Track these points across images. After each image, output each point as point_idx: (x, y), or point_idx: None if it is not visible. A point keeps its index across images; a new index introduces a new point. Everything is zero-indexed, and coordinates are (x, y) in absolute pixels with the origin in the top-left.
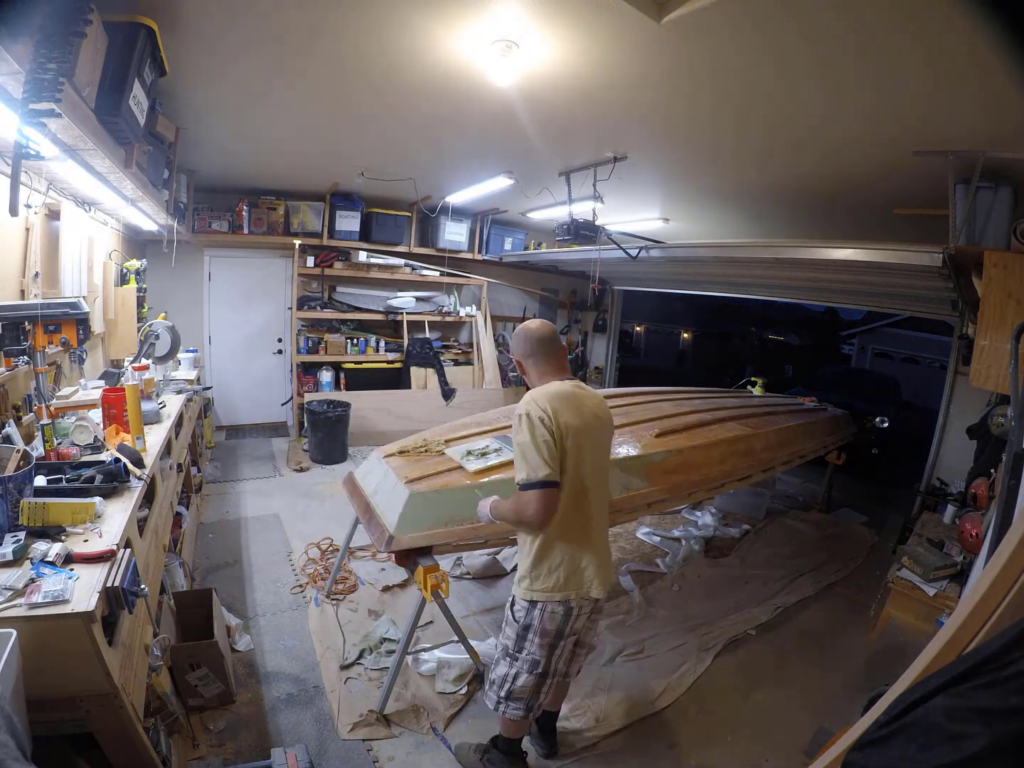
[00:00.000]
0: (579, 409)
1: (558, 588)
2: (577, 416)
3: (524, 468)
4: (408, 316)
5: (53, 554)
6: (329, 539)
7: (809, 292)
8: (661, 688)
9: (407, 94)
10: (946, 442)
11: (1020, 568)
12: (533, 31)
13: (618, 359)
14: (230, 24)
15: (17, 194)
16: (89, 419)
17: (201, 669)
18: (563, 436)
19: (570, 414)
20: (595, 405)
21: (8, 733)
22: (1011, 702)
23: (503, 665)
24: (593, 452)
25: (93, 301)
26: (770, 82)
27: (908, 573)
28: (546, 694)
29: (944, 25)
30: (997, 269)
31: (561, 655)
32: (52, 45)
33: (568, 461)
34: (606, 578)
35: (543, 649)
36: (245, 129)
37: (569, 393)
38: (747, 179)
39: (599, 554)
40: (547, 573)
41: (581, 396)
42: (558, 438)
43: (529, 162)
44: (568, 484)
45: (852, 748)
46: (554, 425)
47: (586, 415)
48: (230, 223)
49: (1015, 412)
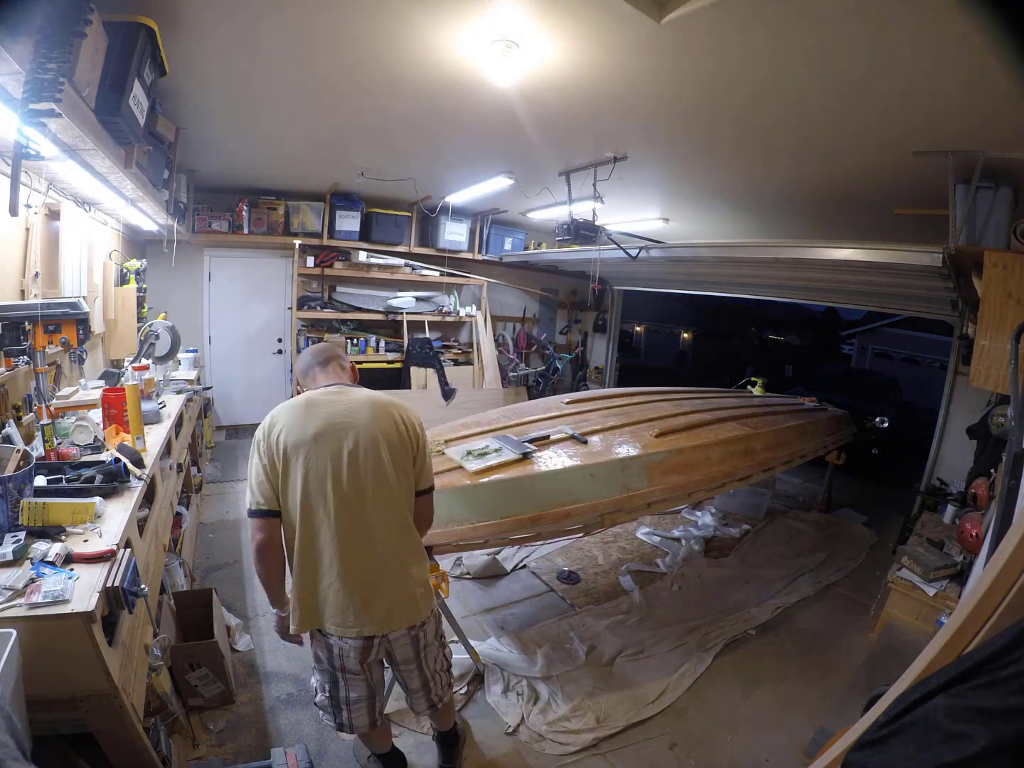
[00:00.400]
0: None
1: (294, 621)
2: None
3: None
4: (408, 316)
5: (53, 554)
6: None
7: (809, 292)
8: (661, 688)
9: (407, 94)
10: (946, 442)
11: (1020, 568)
12: (533, 31)
13: (618, 359)
14: (230, 24)
15: (17, 194)
16: (89, 419)
17: (201, 669)
18: (277, 455)
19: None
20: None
21: (8, 733)
22: (1011, 702)
23: (313, 676)
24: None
25: (93, 301)
26: (770, 82)
27: (908, 573)
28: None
29: (945, 25)
30: (997, 269)
31: (347, 686)
32: (52, 45)
33: (293, 484)
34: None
35: (324, 675)
36: (245, 129)
37: (302, 403)
38: (747, 179)
39: (363, 586)
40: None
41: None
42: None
43: (529, 162)
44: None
45: (852, 748)
46: (266, 444)
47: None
48: (230, 223)
49: (1015, 412)
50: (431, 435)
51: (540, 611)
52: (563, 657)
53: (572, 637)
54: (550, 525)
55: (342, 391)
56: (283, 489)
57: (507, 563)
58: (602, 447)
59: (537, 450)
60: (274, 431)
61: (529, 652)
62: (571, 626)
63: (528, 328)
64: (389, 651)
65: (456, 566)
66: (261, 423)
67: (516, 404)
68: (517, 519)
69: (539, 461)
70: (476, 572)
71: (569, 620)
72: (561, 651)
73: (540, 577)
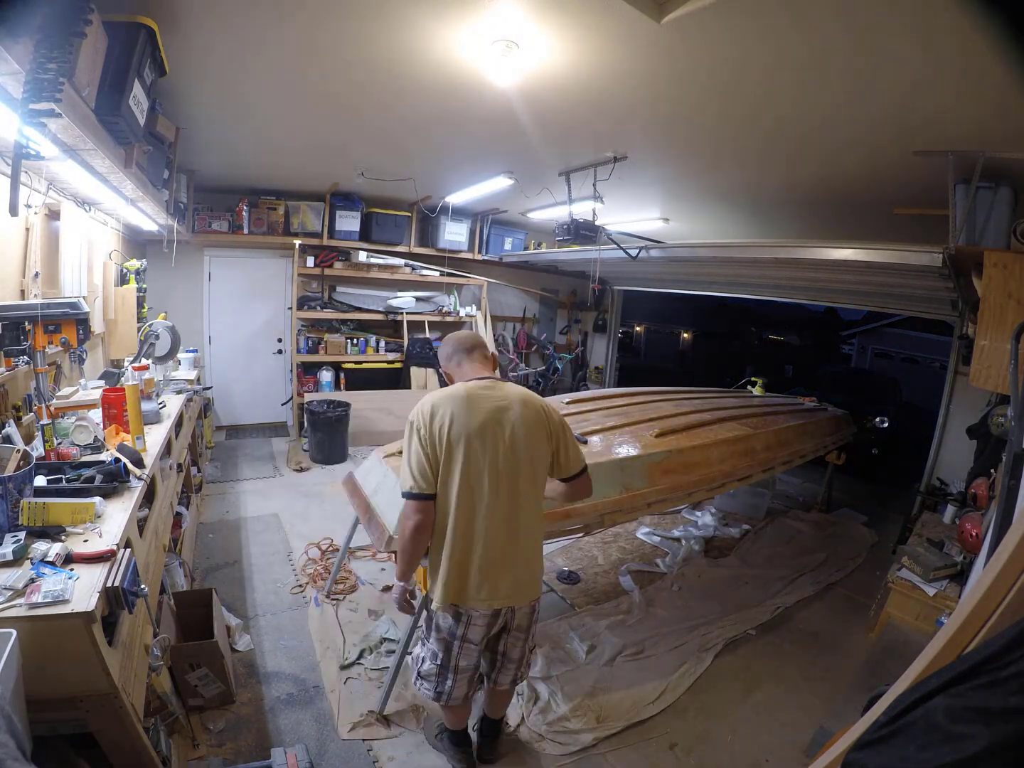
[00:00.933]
0: (472, 413)
1: (440, 597)
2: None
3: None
4: (408, 316)
5: (53, 554)
6: (329, 539)
7: (809, 292)
8: (661, 688)
9: (407, 94)
10: (946, 442)
11: (1020, 568)
12: (533, 31)
13: (618, 359)
14: (230, 24)
15: (17, 194)
16: (89, 419)
17: (201, 669)
18: (439, 443)
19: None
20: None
21: (8, 733)
22: (1011, 702)
23: (418, 647)
24: (496, 455)
25: (93, 301)
26: (771, 82)
27: (908, 573)
28: (453, 686)
29: (945, 25)
30: (997, 269)
31: (460, 654)
32: (52, 45)
33: (453, 469)
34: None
35: (440, 644)
36: (245, 129)
37: (463, 395)
38: (748, 179)
39: (498, 565)
40: (436, 580)
41: (481, 398)
42: (430, 446)
43: (529, 162)
44: (457, 492)
45: (852, 748)
46: (427, 432)
47: (482, 417)
48: (230, 223)
49: (1015, 412)
50: None
51: (540, 611)
52: (563, 657)
53: (572, 637)
54: (550, 525)
55: (495, 385)
56: (443, 475)
57: None
58: (602, 447)
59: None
60: (435, 420)
61: None
62: (571, 626)
63: (528, 328)
64: (507, 622)
65: None
66: (417, 410)
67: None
68: None
69: None
70: None
71: (569, 620)
72: (561, 651)
73: None
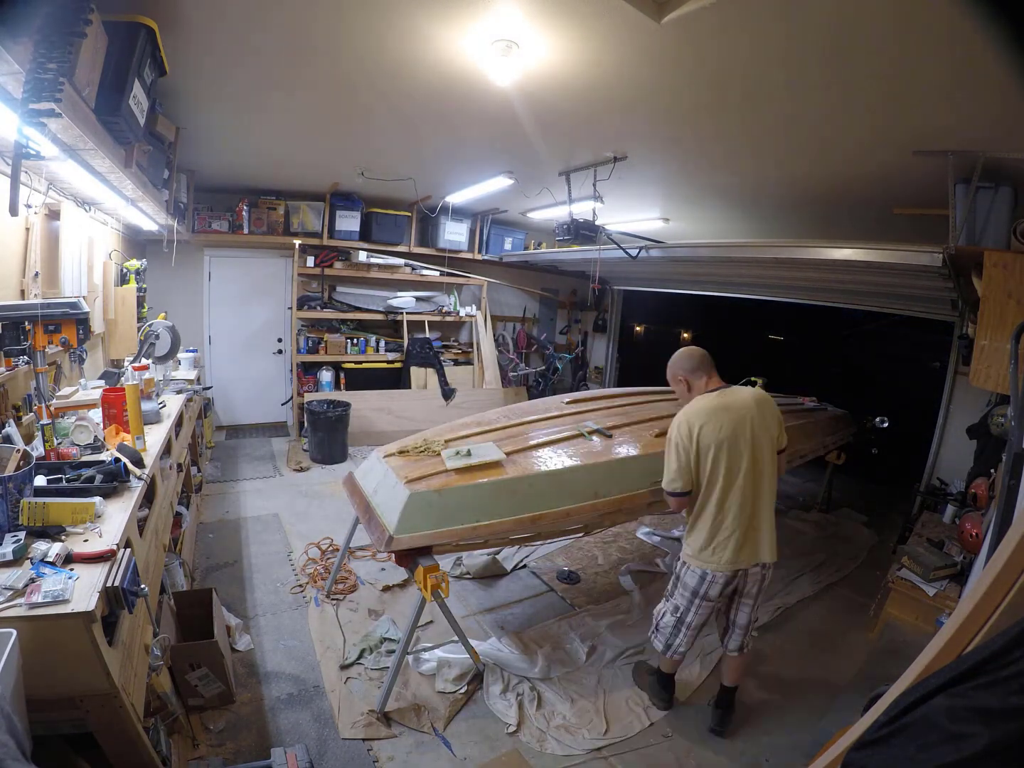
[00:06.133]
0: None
1: (695, 558)
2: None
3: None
4: (408, 316)
5: (53, 554)
6: (329, 539)
7: (809, 292)
8: None
9: (407, 94)
10: (946, 442)
11: (1020, 568)
12: (533, 31)
13: (618, 359)
14: (230, 24)
15: (17, 194)
16: (89, 419)
17: (201, 669)
18: (700, 451)
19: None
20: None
21: (8, 733)
22: (1011, 702)
23: (660, 603)
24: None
25: (93, 301)
26: (771, 82)
27: (908, 573)
28: (682, 641)
29: (945, 26)
30: (997, 269)
31: (696, 611)
32: (52, 45)
33: (706, 469)
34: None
35: (683, 599)
36: (245, 129)
37: (715, 407)
38: (748, 179)
39: (744, 534)
40: (692, 546)
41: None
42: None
43: (529, 162)
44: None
45: (852, 748)
46: (690, 443)
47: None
48: (230, 223)
49: (1015, 412)
50: (431, 435)
51: (540, 611)
52: (563, 658)
53: (572, 637)
54: (550, 525)
55: (732, 391)
56: (698, 473)
57: (507, 563)
58: (602, 447)
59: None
60: (693, 431)
61: (529, 652)
62: (571, 626)
63: (528, 328)
64: (740, 586)
65: (456, 566)
66: (675, 426)
67: (516, 404)
68: (517, 519)
69: (539, 461)
70: (476, 572)
71: (569, 620)
72: (561, 651)
73: (540, 577)
